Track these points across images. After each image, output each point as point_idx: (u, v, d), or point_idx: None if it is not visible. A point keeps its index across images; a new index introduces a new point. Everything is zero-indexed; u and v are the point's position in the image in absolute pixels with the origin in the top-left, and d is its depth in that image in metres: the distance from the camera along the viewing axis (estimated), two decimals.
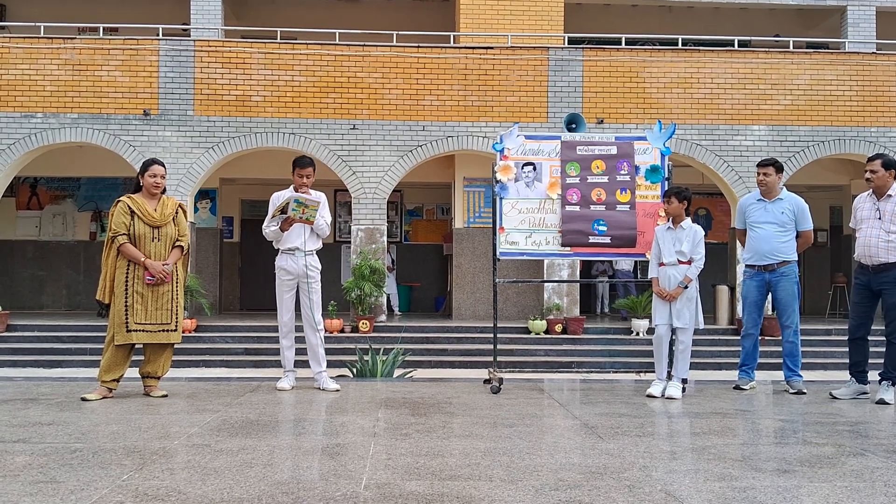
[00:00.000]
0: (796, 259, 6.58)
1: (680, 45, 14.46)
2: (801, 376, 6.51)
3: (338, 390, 6.26)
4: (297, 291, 6.32)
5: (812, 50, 14.85)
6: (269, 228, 6.21)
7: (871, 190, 6.22)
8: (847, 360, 6.42)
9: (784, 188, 6.69)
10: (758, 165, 6.67)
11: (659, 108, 13.89)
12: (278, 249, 6.31)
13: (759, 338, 6.77)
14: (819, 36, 16.86)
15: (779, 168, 6.63)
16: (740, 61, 14.13)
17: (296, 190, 6.23)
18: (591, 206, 6.68)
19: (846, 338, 6.53)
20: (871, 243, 6.06)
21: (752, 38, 15.72)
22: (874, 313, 6.27)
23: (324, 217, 6.21)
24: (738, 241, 7.12)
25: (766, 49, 14.58)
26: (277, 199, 6.27)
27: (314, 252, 6.32)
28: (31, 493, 3.20)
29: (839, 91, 14.15)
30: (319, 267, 6.36)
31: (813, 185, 16.98)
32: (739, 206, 6.88)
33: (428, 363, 11.71)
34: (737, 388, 6.57)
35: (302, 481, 3.43)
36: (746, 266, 6.73)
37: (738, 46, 14.51)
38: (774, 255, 6.48)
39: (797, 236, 6.60)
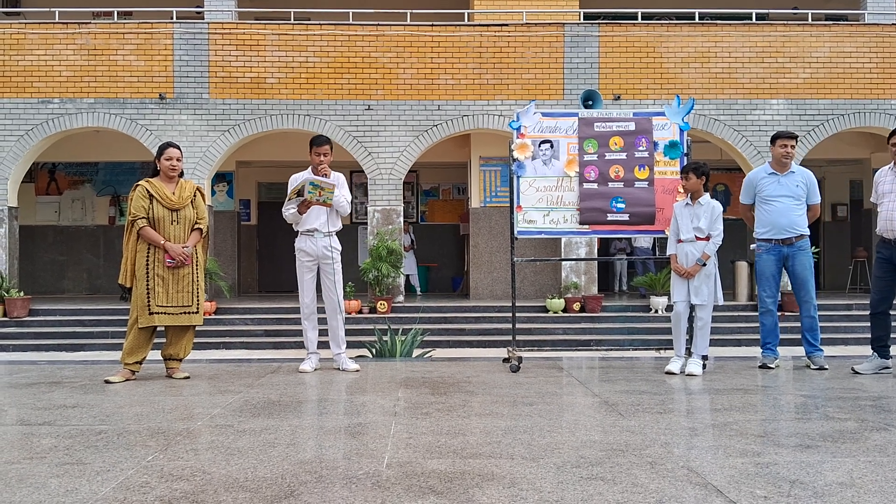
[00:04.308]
0: (809, 233, 6.51)
1: (697, 20, 14.29)
2: (822, 351, 6.44)
3: (357, 371, 6.29)
4: (319, 272, 6.34)
5: (831, 22, 14.62)
6: (289, 211, 6.20)
7: (892, 163, 6.15)
8: (868, 335, 6.38)
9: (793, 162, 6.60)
10: (783, 137, 6.43)
11: (676, 83, 13.76)
12: (297, 231, 6.33)
13: (779, 313, 6.69)
14: (838, 8, 16.60)
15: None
16: (758, 35, 13.95)
17: (314, 168, 6.23)
18: (610, 184, 6.64)
19: (867, 312, 6.49)
20: (894, 217, 6.01)
21: (770, 10, 15.52)
22: None
23: (344, 196, 6.20)
24: (744, 217, 6.99)
25: (785, 22, 14.39)
26: (295, 181, 6.26)
27: (334, 233, 6.31)
28: (58, 474, 3.24)
29: (859, 63, 13.96)
30: (339, 248, 6.34)
31: (833, 159, 16.80)
32: (748, 180, 6.64)
33: (446, 343, 11.74)
34: (763, 366, 6.39)
35: (325, 460, 3.45)
36: (761, 240, 6.53)
37: (756, 20, 14.33)
38: (793, 229, 6.38)
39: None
